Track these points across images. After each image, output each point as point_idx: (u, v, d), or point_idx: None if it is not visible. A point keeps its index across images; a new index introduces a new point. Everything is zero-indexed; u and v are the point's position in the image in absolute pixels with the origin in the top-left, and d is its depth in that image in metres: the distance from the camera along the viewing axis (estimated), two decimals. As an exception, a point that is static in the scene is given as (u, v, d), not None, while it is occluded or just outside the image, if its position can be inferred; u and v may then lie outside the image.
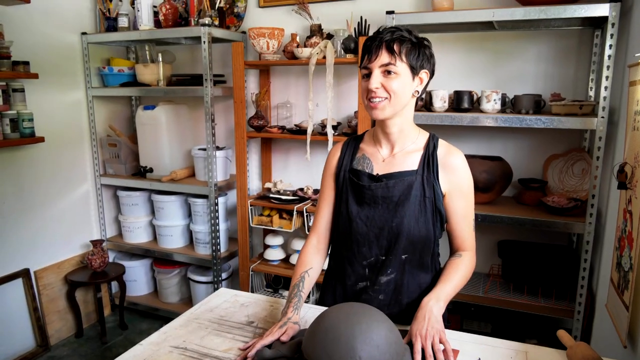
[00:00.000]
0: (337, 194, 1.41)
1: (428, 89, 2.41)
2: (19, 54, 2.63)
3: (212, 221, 2.94)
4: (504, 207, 2.35)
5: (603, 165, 2.02)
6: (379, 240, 1.32)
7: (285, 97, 3.01)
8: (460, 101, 2.31)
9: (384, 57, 1.22)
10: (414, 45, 1.25)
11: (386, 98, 1.24)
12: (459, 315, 2.51)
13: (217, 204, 2.93)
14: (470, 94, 2.31)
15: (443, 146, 1.35)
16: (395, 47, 1.22)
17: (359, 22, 2.58)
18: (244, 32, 3.00)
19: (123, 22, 3.02)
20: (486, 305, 2.31)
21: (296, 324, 1.21)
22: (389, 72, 1.23)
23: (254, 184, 3.20)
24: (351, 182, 1.37)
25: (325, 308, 1.36)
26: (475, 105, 2.35)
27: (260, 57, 2.78)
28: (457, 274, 1.30)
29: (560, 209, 2.19)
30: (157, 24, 2.97)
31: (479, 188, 2.32)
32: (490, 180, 2.31)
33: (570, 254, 2.39)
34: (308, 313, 1.41)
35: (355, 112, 2.66)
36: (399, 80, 1.23)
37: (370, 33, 2.61)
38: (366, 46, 1.27)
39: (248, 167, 3.02)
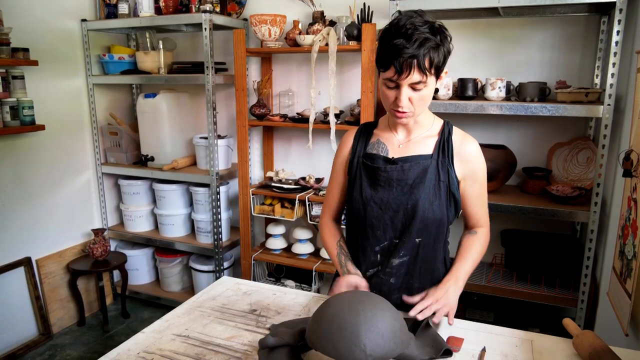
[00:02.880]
0: (350, 180, 1.41)
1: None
2: (18, 40, 2.60)
3: (214, 210, 2.92)
4: (507, 196, 2.33)
5: (608, 154, 2.00)
6: (393, 222, 1.33)
7: (287, 85, 2.98)
8: (464, 89, 2.29)
9: (415, 76, 1.17)
10: (439, 48, 1.18)
11: (412, 110, 1.24)
12: (462, 304, 2.50)
13: (218, 193, 2.91)
14: (474, 81, 2.28)
15: (458, 134, 1.35)
16: (427, 64, 1.16)
17: (362, 9, 2.55)
18: (245, 19, 2.96)
19: (123, 8, 2.99)
20: (489, 294, 2.30)
21: (362, 279, 1.33)
22: (418, 85, 1.19)
23: (256, 173, 3.19)
24: (365, 166, 1.37)
25: (326, 296, 1.35)
26: (479, 93, 2.32)
27: (262, 45, 2.75)
28: (474, 251, 1.37)
29: (565, 198, 2.17)
30: (158, 10, 2.93)
31: (482, 177, 2.30)
32: (494, 168, 2.29)
33: (574, 243, 2.37)
34: (311, 302, 1.40)
35: (358, 100, 2.63)
36: (427, 92, 1.22)
37: (374, 20, 2.59)
38: (393, 57, 1.16)
39: (250, 155, 3.00)
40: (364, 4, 2.54)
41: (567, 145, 2.41)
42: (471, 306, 2.50)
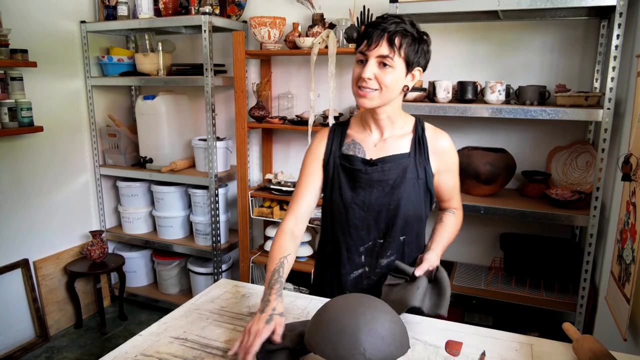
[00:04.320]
0: (326, 181, 1.40)
1: (432, 79, 2.40)
2: (17, 42, 2.60)
3: (213, 212, 2.92)
4: (507, 200, 2.33)
5: (608, 158, 2.00)
6: (377, 223, 1.35)
7: (287, 87, 2.98)
8: (464, 92, 2.29)
9: (383, 48, 1.21)
10: (414, 40, 1.24)
11: (377, 90, 1.25)
12: (460, 308, 2.50)
13: (217, 195, 2.91)
14: (474, 84, 2.28)
15: (430, 129, 1.40)
16: (397, 41, 1.21)
17: (361, 12, 2.55)
18: (244, 22, 2.96)
19: (122, 10, 2.98)
20: (487, 298, 2.30)
21: (282, 316, 1.12)
22: (384, 65, 1.22)
23: (255, 175, 3.18)
24: (343, 167, 1.37)
25: (325, 299, 1.34)
26: (479, 96, 2.32)
27: (261, 47, 2.75)
28: (454, 228, 1.46)
29: (564, 202, 2.17)
30: (157, 12, 2.93)
31: (481, 180, 2.30)
32: (493, 172, 2.28)
33: (573, 247, 2.37)
34: (310, 304, 1.39)
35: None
36: (393, 75, 1.24)
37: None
38: (367, 32, 1.24)
39: (249, 158, 3.00)
40: (364, 7, 2.55)
41: (566, 149, 2.41)
42: (470, 310, 2.50)
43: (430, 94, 2.37)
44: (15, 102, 2.53)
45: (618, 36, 1.89)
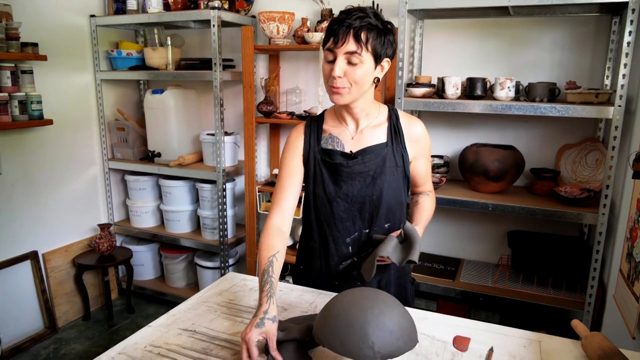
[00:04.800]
0: (306, 176, 1.42)
1: (441, 75, 2.39)
2: (27, 35, 2.61)
3: (220, 207, 2.93)
4: (515, 197, 2.32)
5: (618, 156, 1.99)
6: (362, 214, 1.39)
7: (295, 82, 2.98)
8: (473, 88, 2.27)
9: (350, 45, 1.22)
10: (380, 32, 1.24)
11: (348, 87, 1.27)
12: (468, 306, 2.50)
13: (224, 190, 2.92)
14: (483, 81, 2.27)
15: (404, 117, 1.43)
16: (363, 36, 1.21)
17: (370, 7, 2.54)
18: (253, 16, 2.96)
19: (132, 4, 2.99)
20: (494, 296, 2.29)
21: (274, 322, 1.08)
22: (353, 61, 1.23)
23: (262, 170, 3.19)
24: (324, 162, 1.39)
25: (333, 293, 1.35)
26: (488, 92, 2.31)
27: (270, 42, 2.75)
28: (430, 209, 1.48)
29: (573, 200, 2.16)
30: (166, 7, 2.94)
31: (490, 177, 2.29)
32: (502, 169, 2.28)
33: (581, 246, 2.36)
34: (318, 298, 1.40)
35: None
36: (362, 70, 1.25)
37: (384, 18, 2.58)
38: (332, 29, 1.24)
39: (256, 152, 3.00)
40: (373, 2, 2.54)
41: (576, 147, 2.39)
42: (477, 307, 2.49)
43: (439, 90, 2.36)
44: (25, 95, 2.55)
45: (630, 33, 1.87)
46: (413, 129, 1.41)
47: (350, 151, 1.38)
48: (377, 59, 1.26)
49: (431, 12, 2.41)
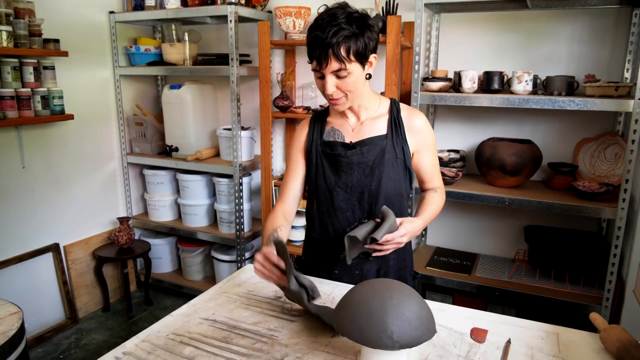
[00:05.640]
0: (309, 168, 1.47)
1: (457, 69, 2.38)
2: (49, 32, 2.66)
3: (236, 201, 2.96)
4: (532, 191, 2.31)
5: (638, 149, 1.96)
6: (361, 203, 1.42)
7: (311, 77, 2.99)
8: (490, 82, 2.26)
9: (333, 64, 1.24)
10: (357, 37, 1.23)
11: (343, 96, 1.31)
12: (483, 300, 2.49)
13: (241, 184, 2.94)
14: (500, 74, 2.26)
15: (405, 109, 1.45)
16: (343, 51, 1.22)
17: (386, 1, 2.54)
18: (270, 12, 2.98)
19: (150, 0, 3.03)
20: (511, 290, 2.29)
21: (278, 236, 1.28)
22: (341, 75, 1.26)
23: (278, 165, 3.21)
24: (325, 153, 1.43)
25: (350, 285, 1.36)
26: (505, 86, 2.30)
27: (286, 37, 2.76)
28: (436, 204, 1.45)
29: (591, 194, 2.14)
30: (184, 2, 2.97)
31: (507, 171, 2.28)
32: (519, 163, 2.27)
33: (599, 240, 2.34)
34: (335, 291, 1.41)
35: (382, 93, 2.63)
36: (352, 79, 1.28)
37: (399, 12, 2.58)
38: (312, 54, 1.26)
39: (272, 147, 3.02)
40: (390, -3, 2.53)
41: (594, 141, 2.37)
42: (493, 302, 2.49)
43: (455, 84, 2.35)
44: (47, 91, 2.60)
45: (651, 25, 1.85)
46: (413, 121, 1.42)
47: (350, 142, 1.42)
48: (363, 62, 1.28)
49: (447, 6, 2.40)
